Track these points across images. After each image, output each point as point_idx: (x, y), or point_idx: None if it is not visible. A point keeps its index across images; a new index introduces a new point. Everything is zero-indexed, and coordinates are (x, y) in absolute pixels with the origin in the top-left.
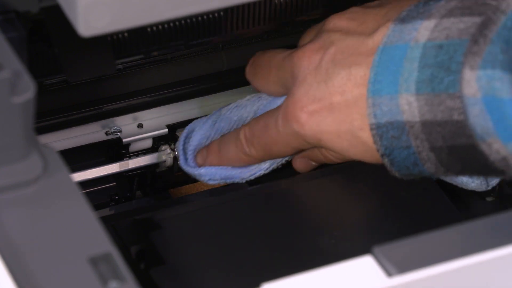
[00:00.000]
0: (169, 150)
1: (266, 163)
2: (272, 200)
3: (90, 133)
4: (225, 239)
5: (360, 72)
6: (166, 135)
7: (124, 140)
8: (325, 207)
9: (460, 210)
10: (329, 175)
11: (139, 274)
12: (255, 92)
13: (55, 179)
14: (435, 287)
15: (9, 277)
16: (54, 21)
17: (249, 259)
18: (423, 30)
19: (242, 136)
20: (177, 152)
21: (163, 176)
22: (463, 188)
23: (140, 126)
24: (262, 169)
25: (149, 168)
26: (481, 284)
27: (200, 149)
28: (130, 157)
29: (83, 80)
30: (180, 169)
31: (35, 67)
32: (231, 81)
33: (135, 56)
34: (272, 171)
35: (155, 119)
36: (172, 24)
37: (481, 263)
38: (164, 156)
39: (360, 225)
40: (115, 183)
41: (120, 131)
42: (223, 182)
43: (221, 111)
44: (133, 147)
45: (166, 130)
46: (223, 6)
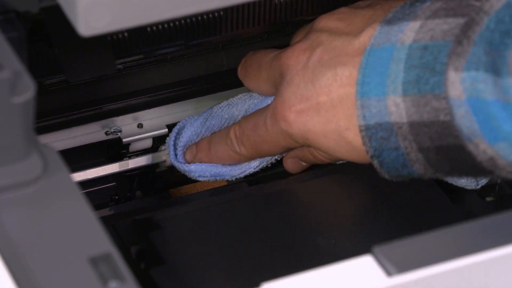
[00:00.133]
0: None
1: (256, 161)
2: (272, 200)
3: (90, 133)
4: (225, 239)
5: (346, 72)
6: (166, 135)
7: (124, 140)
8: (325, 207)
9: (460, 210)
10: (329, 174)
11: (139, 274)
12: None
13: (55, 179)
14: (435, 287)
15: (9, 277)
16: (54, 21)
17: (249, 259)
18: (408, 32)
19: (232, 135)
20: (167, 148)
21: (163, 176)
22: (462, 188)
23: (140, 126)
24: (252, 167)
25: (149, 168)
26: (481, 284)
27: (189, 145)
28: (130, 157)
29: (83, 80)
30: None
31: (35, 67)
32: (231, 81)
33: (135, 56)
34: (272, 171)
35: (155, 119)
36: (172, 24)
37: (481, 263)
38: (164, 156)
39: (360, 225)
40: (115, 183)
41: (120, 131)
42: (213, 179)
43: (213, 109)
44: (133, 147)
45: (166, 130)
46: (223, 6)
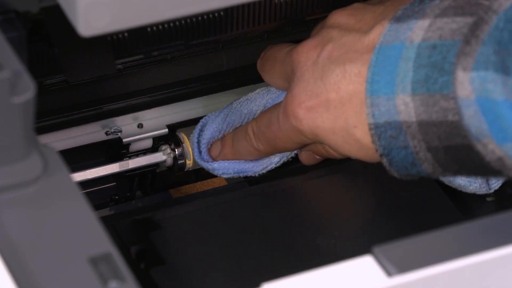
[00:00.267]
0: (169, 150)
1: (276, 157)
2: (272, 200)
3: (90, 133)
4: (225, 239)
5: (355, 69)
6: (166, 135)
7: (124, 140)
8: (325, 207)
9: (460, 210)
10: (329, 175)
11: (139, 274)
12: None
13: (55, 179)
14: (435, 287)
15: (9, 277)
16: (54, 21)
17: (249, 259)
18: (417, 30)
19: (250, 131)
20: (191, 145)
21: (163, 176)
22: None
23: (140, 126)
24: (273, 162)
25: (149, 168)
26: (481, 284)
27: (214, 142)
28: (130, 157)
29: (83, 80)
30: (180, 169)
31: (35, 67)
32: (231, 81)
33: (135, 56)
34: (273, 170)
35: (155, 119)
36: (172, 24)
37: (481, 263)
38: (164, 156)
39: (360, 225)
40: (115, 183)
41: (120, 131)
42: (236, 176)
43: (232, 105)
44: (133, 147)
45: (166, 130)
46: (223, 6)
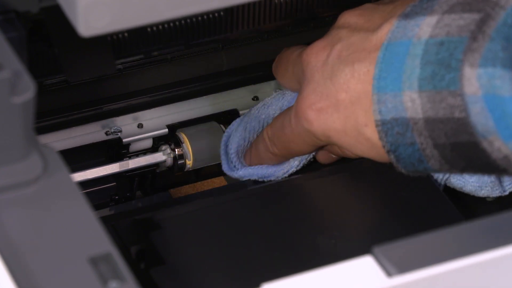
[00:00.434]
0: (169, 150)
1: (295, 160)
2: (272, 200)
3: (90, 133)
4: (225, 239)
5: (363, 68)
6: (166, 135)
7: (124, 140)
8: (325, 207)
9: (460, 210)
10: (329, 175)
11: (139, 274)
12: (254, 92)
13: (55, 179)
14: (435, 287)
15: (9, 277)
16: (54, 21)
17: (249, 259)
18: (425, 27)
19: (265, 136)
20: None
21: (163, 176)
22: (462, 188)
23: (140, 126)
24: (293, 166)
25: (149, 168)
26: (481, 284)
27: (245, 150)
28: (130, 157)
29: (83, 80)
30: (180, 169)
31: (35, 67)
32: (231, 81)
33: (135, 56)
34: None
35: (155, 119)
36: (172, 24)
37: (481, 263)
38: (164, 156)
39: (360, 225)
40: (115, 183)
41: (120, 131)
42: (261, 180)
43: (251, 112)
44: (133, 147)
45: (166, 130)
46: (223, 6)
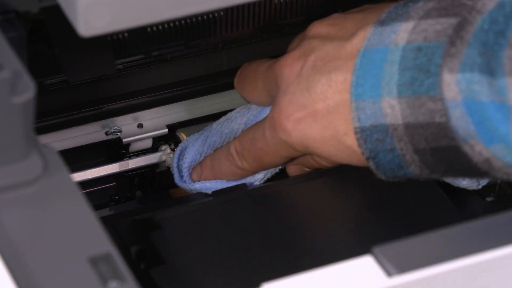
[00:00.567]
0: (169, 150)
1: (260, 174)
2: (272, 200)
3: (90, 133)
4: (225, 239)
5: (340, 77)
6: (166, 135)
7: (124, 140)
8: (325, 207)
9: (460, 210)
10: (329, 175)
11: (139, 274)
12: None
13: (55, 179)
14: (435, 287)
15: (9, 277)
16: (54, 21)
17: (249, 259)
18: (402, 33)
19: (233, 150)
20: (172, 170)
21: (163, 176)
22: (464, 188)
23: (140, 126)
24: (257, 179)
25: (149, 168)
26: (481, 284)
27: (194, 166)
28: (130, 157)
29: (83, 80)
30: None
31: (35, 67)
32: (231, 81)
33: (135, 56)
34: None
35: (155, 119)
36: (172, 24)
37: (481, 263)
38: (164, 156)
39: (360, 225)
40: (115, 183)
41: (120, 131)
42: None
43: (212, 126)
44: (133, 147)
45: (166, 130)
46: (223, 6)
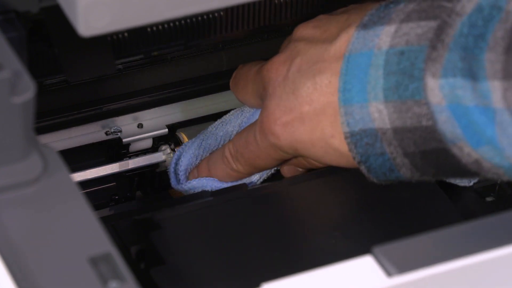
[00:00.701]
0: (169, 150)
1: (255, 175)
2: (272, 200)
3: (90, 133)
4: (225, 239)
5: (325, 80)
6: (166, 135)
7: (124, 140)
8: (325, 207)
9: (460, 210)
10: (329, 175)
11: (139, 274)
12: None
13: (55, 179)
14: (435, 287)
15: (9, 277)
16: (54, 21)
17: (249, 259)
18: (384, 37)
19: (227, 153)
20: (169, 175)
21: (163, 176)
22: (462, 188)
23: (140, 126)
24: (253, 181)
25: (149, 168)
26: (481, 284)
27: (191, 169)
28: (130, 157)
29: (83, 80)
30: None
31: (35, 67)
32: None
33: (135, 56)
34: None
35: (155, 119)
36: (172, 24)
37: (481, 263)
38: (164, 156)
39: (360, 225)
40: (115, 183)
41: (120, 131)
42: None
43: (207, 129)
44: (133, 147)
45: (166, 130)
46: (223, 6)
